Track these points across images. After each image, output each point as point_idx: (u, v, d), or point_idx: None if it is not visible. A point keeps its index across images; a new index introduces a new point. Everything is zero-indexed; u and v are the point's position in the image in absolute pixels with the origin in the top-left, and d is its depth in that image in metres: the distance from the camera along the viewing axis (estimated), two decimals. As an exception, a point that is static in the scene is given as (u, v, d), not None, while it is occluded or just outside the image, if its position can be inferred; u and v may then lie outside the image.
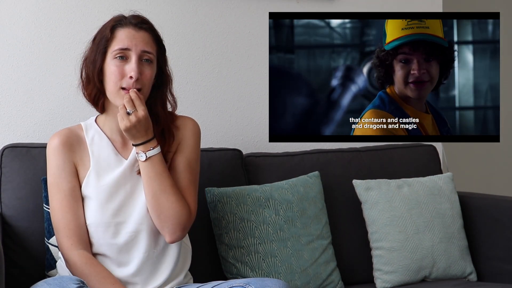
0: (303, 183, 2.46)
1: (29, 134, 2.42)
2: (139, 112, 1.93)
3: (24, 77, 2.42)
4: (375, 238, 2.48)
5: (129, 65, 1.96)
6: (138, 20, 2.00)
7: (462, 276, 2.53)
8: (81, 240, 1.97)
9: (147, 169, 1.97)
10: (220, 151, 2.48)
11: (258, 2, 2.72)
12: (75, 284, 1.80)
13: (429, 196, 2.55)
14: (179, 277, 2.07)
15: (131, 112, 1.93)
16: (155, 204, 1.97)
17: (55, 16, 2.46)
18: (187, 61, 2.63)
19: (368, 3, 2.89)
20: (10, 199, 2.22)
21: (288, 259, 2.33)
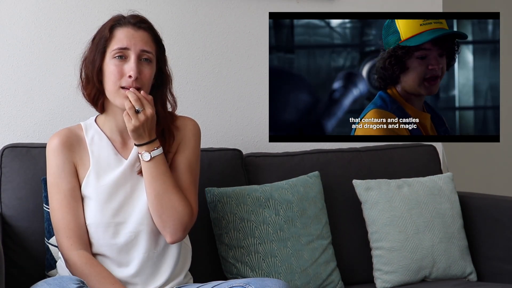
0: (303, 183, 2.46)
1: (29, 134, 2.42)
2: (147, 110, 1.93)
3: (24, 77, 2.43)
4: (375, 238, 2.48)
5: (128, 64, 1.96)
6: (137, 20, 2.00)
7: (462, 276, 2.53)
8: (81, 240, 1.97)
9: (150, 169, 1.97)
10: (220, 151, 2.48)
11: (258, 2, 2.72)
12: (75, 284, 1.80)
13: (429, 196, 2.54)
14: (179, 277, 2.07)
15: (140, 111, 1.93)
16: (158, 204, 1.97)
17: (55, 16, 2.46)
18: (187, 61, 2.63)
19: (368, 3, 2.89)
20: (10, 199, 2.22)
21: (288, 259, 2.33)
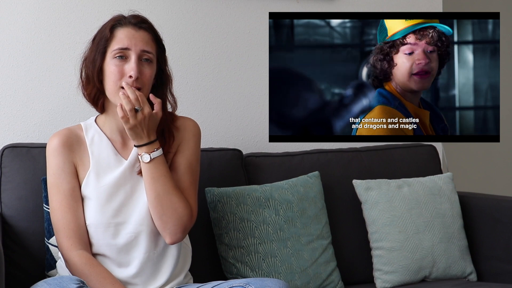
0: (303, 183, 2.46)
1: (29, 134, 2.42)
2: (145, 109, 1.93)
3: (24, 77, 2.42)
4: (375, 238, 2.48)
5: (129, 64, 1.96)
6: (138, 20, 2.00)
7: (462, 276, 2.53)
8: (81, 240, 1.97)
9: (150, 170, 1.97)
10: (220, 151, 2.48)
11: (258, 2, 2.72)
12: (75, 284, 1.80)
13: (429, 196, 2.54)
14: (179, 277, 2.07)
15: (139, 110, 1.92)
16: (158, 205, 1.97)
17: (55, 16, 2.46)
18: (187, 61, 2.63)
19: (368, 3, 2.89)
20: (10, 199, 2.21)
21: (288, 259, 2.33)
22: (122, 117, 1.92)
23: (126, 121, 1.92)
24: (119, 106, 1.92)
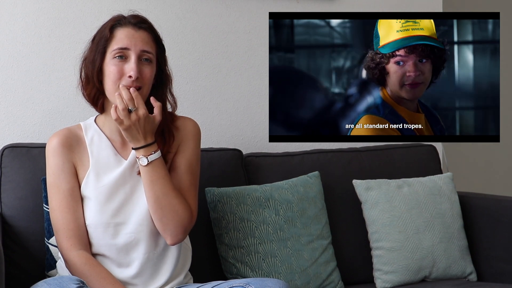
0: (303, 183, 2.46)
1: (29, 134, 2.42)
2: (139, 110, 1.92)
3: (24, 77, 2.42)
4: (375, 238, 2.48)
5: (129, 64, 1.96)
6: (137, 20, 2.00)
7: (462, 276, 2.53)
8: (81, 240, 1.97)
9: (148, 173, 1.96)
10: (220, 151, 2.48)
11: (258, 2, 2.72)
12: (75, 284, 1.80)
13: (429, 196, 2.55)
14: (179, 278, 2.07)
15: (133, 110, 1.92)
16: (158, 207, 1.97)
17: (55, 16, 2.46)
18: (187, 61, 2.63)
19: (368, 3, 2.89)
20: (10, 199, 2.21)
21: (288, 259, 2.33)
22: (116, 119, 1.91)
23: (120, 122, 1.92)
24: (113, 107, 1.92)
